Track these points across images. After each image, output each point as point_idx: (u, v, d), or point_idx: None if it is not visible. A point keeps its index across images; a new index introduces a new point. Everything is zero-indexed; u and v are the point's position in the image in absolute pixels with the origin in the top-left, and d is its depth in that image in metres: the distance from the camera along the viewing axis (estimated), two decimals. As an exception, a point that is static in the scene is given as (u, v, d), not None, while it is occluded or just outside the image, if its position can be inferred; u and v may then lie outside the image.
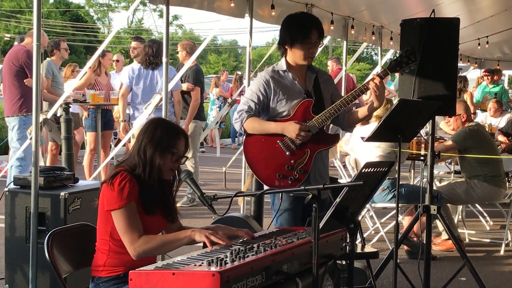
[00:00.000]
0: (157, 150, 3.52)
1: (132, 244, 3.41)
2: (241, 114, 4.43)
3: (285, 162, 4.39)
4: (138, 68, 8.27)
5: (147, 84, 8.26)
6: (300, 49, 4.39)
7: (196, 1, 6.65)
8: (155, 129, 3.57)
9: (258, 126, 4.41)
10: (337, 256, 3.46)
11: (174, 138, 3.59)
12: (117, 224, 3.44)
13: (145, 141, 3.54)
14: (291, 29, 4.43)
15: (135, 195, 3.45)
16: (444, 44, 4.90)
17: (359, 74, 41.73)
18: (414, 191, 6.78)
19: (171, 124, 3.72)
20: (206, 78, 15.43)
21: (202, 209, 8.80)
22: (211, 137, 17.77)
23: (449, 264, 6.62)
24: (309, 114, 4.39)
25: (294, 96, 4.44)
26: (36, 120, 4.87)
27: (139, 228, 3.44)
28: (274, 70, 4.53)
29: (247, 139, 4.49)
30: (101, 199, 3.52)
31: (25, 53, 7.99)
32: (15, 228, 5.06)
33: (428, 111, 4.84)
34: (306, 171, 4.39)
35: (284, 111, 4.43)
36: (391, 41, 11.43)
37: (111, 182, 3.45)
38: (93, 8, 51.44)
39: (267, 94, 4.44)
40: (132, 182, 3.45)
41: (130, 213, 3.43)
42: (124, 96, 8.32)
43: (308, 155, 4.38)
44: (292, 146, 4.38)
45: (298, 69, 4.51)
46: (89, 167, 9.17)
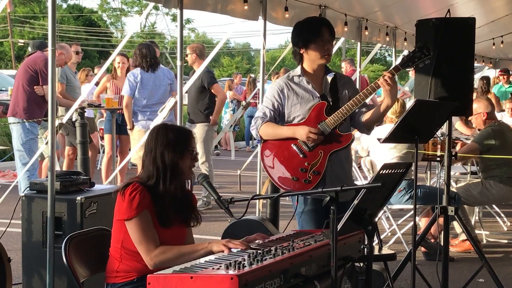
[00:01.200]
0: (177, 153, 3.53)
1: (148, 255, 3.41)
2: (256, 121, 4.49)
3: (299, 165, 4.40)
4: (140, 73, 8.26)
5: (151, 86, 8.26)
6: (315, 48, 4.41)
7: (210, 4, 6.66)
8: (166, 134, 3.57)
9: (271, 132, 4.46)
10: (355, 258, 3.44)
11: (187, 137, 3.62)
12: (131, 234, 3.45)
13: (160, 148, 3.53)
14: (302, 31, 4.48)
15: (146, 205, 3.45)
16: (460, 44, 4.87)
17: (373, 76, 41.62)
18: (431, 192, 6.74)
19: (177, 125, 3.78)
20: (219, 81, 15.45)
21: (217, 212, 8.79)
22: (225, 140, 17.78)
23: (467, 266, 6.58)
24: (322, 116, 4.39)
25: (309, 100, 4.46)
26: (52, 125, 4.88)
27: (154, 238, 3.44)
28: (289, 76, 4.56)
29: (263, 145, 4.54)
30: (115, 208, 3.55)
31: (43, 61, 8.00)
32: (31, 233, 5.07)
33: (444, 111, 4.81)
34: (320, 173, 4.38)
35: (299, 115, 4.45)
36: (405, 42, 11.38)
37: (122, 192, 3.47)
38: (106, 12, 51.71)
39: (281, 101, 4.48)
40: (143, 193, 3.46)
41: (143, 223, 3.43)
42: (128, 106, 8.28)
43: (322, 157, 4.38)
44: (305, 148, 4.39)
45: (314, 74, 4.52)
46: (106, 170, 9.20)
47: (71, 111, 7.48)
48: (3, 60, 42.06)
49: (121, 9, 51.97)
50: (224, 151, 17.45)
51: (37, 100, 8.10)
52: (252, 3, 7.17)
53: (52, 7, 4.86)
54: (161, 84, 8.33)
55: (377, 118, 4.53)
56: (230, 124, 13.55)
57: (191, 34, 52.73)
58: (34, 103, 8.10)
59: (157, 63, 8.39)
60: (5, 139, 13.41)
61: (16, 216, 5.60)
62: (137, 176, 3.65)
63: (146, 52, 8.29)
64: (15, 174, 11.45)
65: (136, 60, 8.38)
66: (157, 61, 8.46)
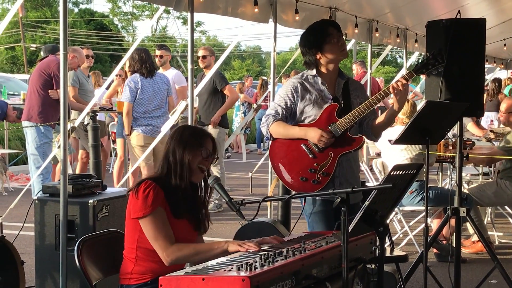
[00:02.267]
0: (186, 149, 3.57)
1: (164, 251, 3.42)
2: (267, 118, 4.48)
3: (308, 165, 4.40)
4: (140, 79, 8.19)
5: (150, 93, 8.24)
6: (330, 47, 4.42)
7: (220, 7, 6.68)
8: (182, 132, 3.65)
9: (282, 131, 4.45)
10: (367, 260, 3.44)
11: (202, 137, 3.65)
12: (147, 232, 3.46)
13: (173, 143, 3.60)
14: (311, 37, 4.48)
15: (160, 201, 3.47)
16: (471, 45, 4.87)
17: (384, 77, 41.52)
18: (442, 193, 6.73)
19: (197, 127, 3.78)
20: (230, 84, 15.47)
21: (228, 215, 8.81)
22: (236, 143, 17.80)
23: (479, 267, 6.56)
24: (333, 118, 4.40)
25: (322, 101, 4.45)
26: (64, 129, 4.91)
27: (170, 235, 3.46)
28: (303, 76, 4.55)
29: (273, 143, 4.53)
30: (128, 208, 3.56)
31: (56, 64, 8.01)
32: (44, 236, 5.10)
33: (455, 112, 4.80)
34: (329, 174, 4.38)
35: (310, 116, 4.44)
36: (416, 43, 11.37)
37: (136, 190, 3.49)
38: (117, 17, 51.88)
39: (295, 100, 4.46)
40: (156, 189, 3.47)
41: (158, 220, 3.45)
42: (129, 113, 8.21)
43: (331, 158, 4.38)
44: (315, 149, 4.39)
45: (328, 76, 4.52)
46: (118, 174, 9.22)
47: (83, 115, 7.52)
48: (16, 65, 42.27)
49: (132, 13, 52.18)
50: (235, 153, 17.47)
51: (51, 103, 8.13)
52: (263, 6, 7.18)
53: (64, 12, 4.89)
54: (159, 90, 8.31)
55: (384, 124, 4.52)
56: (241, 126, 13.57)
57: (202, 37, 52.88)
58: (49, 106, 8.14)
59: (155, 68, 8.39)
60: (17, 143, 13.50)
61: (29, 220, 5.64)
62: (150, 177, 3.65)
63: (146, 57, 8.23)
64: (28, 177, 11.53)
65: (134, 65, 8.27)
66: (155, 66, 8.47)
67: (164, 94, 8.39)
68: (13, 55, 42.67)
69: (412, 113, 6.69)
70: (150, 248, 3.49)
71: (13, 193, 10.28)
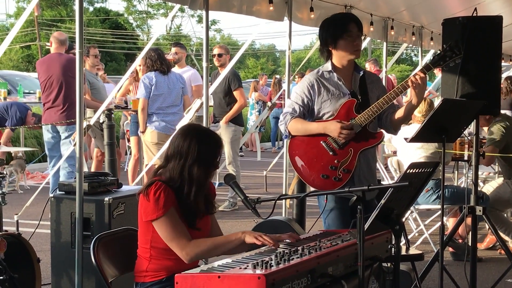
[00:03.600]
0: (204, 169, 3.53)
1: (183, 249, 3.42)
2: (285, 116, 4.45)
3: (328, 162, 4.38)
4: (155, 75, 8.29)
5: (165, 89, 8.32)
6: (344, 44, 4.39)
7: (235, 6, 6.67)
8: (199, 146, 3.52)
9: (301, 127, 4.42)
10: (383, 258, 3.43)
11: (217, 149, 3.61)
12: (162, 233, 3.45)
13: (190, 161, 3.49)
14: (330, 28, 4.45)
15: (172, 202, 3.46)
16: (487, 43, 4.84)
17: (399, 76, 41.34)
18: (458, 192, 6.69)
19: (210, 133, 3.69)
20: (244, 82, 15.47)
21: (243, 213, 8.81)
22: (251, 141, 17.80)
23: (495, 266, 6.52)
24: (352, 114, 4.37)
25: (339, 97, 4.43)
26: (79, 127, 4.93)
27: (185, 233, 3.46)
28: (319, 72, 4.52)
29: (291, 141, 4.51)
30: (139, 210, 3.54)
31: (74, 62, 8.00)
32: (60, 234, 5.12)
33: (472, 110, 4.78)
34: (350, 171, 4.36)
35: (329, 112, 4.42)
36: (432, 41, 11.31)
37: (146, 193, 3.46)
38: (132, 15, 52.00)
39: (311, 97, 4.44)
40: (167, 191, 3.46)
41: (171, 220, 3.44)
42: (145, 109, 8.28)
43: (352, 155, 4.36)
44: (335, 146, 4.36)
45: (344, 70, 4.49)
46: (133, 172, 9.25)
47: (99, 113, 7.53)
48: (31, 63, 42.45)
49: (147, 12, 52.27)
50: (250, 152, 17.47)
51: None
52: (278, 4, 7.17)
53: (80, 10, 4.91)
54: (174, 87, 8.39)
55: (404, 117, 4.50)
56: (256, 125, 13.57)
57: (216, 35, 52.92)
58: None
59: (168, 66, 8.48)
60: (33, 141, 13.55)
61: (45, 217, 5.67)
62: (157, 174, 3.61)
63: (158, 56, 8.37)
64: (44, 175, 11.60)
65: (148, 64, 8.38)
66: (168, 64, 8.54)
67: (179, 92, 8.43)
68: (28, 54, 42.88)
69: (429, 112, 6.66)
70: (163, 247, 3.49)
71: (29, 191, 10.33)
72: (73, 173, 7.61)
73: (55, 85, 8.12)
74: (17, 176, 10.57)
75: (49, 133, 8.21)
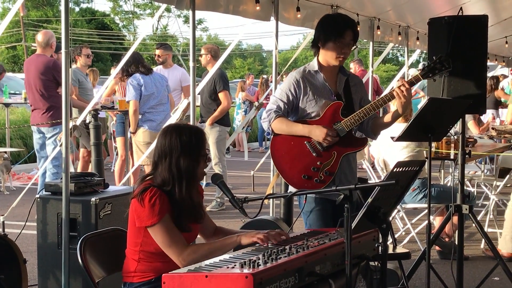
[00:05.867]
0: (192, 158, 3.51)
1: (179, 256, 3.41)
2: (269, 113, 4.41)
3: (311, 163, 4.36)
4: (141, 77, 8.33)
5: (153, 89, 8.36)
6: (333, 48, 4.36)
7: (222, 5, 6.67)
8: (180, 138, 3.52)
9: (285, 127, 4.38)
10: (370, 257, 3.43)
11: (202, 140, 3.59)
12: (158, 239, 3.43)
13: (176, 154, 3.49)
14: (326, 27, 4.40)
15: (167, 208, 3.45)
16: (473, 42, 4.86)
17: (386, 76, 41.52)
18: (445, 191, 6.72)
19: (190, 126, 3.69)
20: (231, 82, 15.46)
21: (231, 213, 8.81)
22: (238, 141, 17.80)
23: (482, 264, 6.55)
24: (338, 117, 4.36)
25: (324, 98, 4.40)
26: (66, 127, 4.91)
27: (181, 238, 3.45)
28: (306, 70, 4.49)
29: (274, 138, 4.46)
30: (131, 214, 3.51)
31: (54, 64, 7.93)
32: (47, 235, 5.10)
33: (458, 109, 4.79)
34: (332, 173, 4.35)
35: (313, 112, 4.39)
36: (418, 41, 11.37)
37: (141, 198, 3.43)
38: (119, 16, 51.86)
39: (297, 94, 4.40)
40: (162, 197, 3.44)
41: (167, 227, 3.43)
42: (137, 112, 8.28)
43: (335, 157, 4.35)
44: (319, 148, 4.34)
45: (329, 70, 4.47)
46: (120, 173, 9.22)
47: (85, 113, 7.51)
48: (17, 64, 42.26)
49: (133, 12, 52.14)
50: (237, 152, 17.46)
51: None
52: (264, 4, 7.18)
53: (65, 11, 4.89)
54: (161, 86, 8.46)
55: (386, 125, 4.53)
56: (243, 125, 13.56)
57: (203, 36, 52.87)
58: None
59: (149, 67, 8.61)
60: (19, 142, 13.49)
61: (31, 218, 5.64)
62: (149, 178, 3.59)
63: (139, 58, 8.45)
64: (30, 176, 11.55)
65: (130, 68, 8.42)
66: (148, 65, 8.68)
67: (165, 90, 8.49)
68: (14, 55, 42.68)
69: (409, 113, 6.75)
70: (153, 252, 3.48)
71: (15, 192, 10.28)
72: (58, 174, 7.57)
73: (32, 87, 8.09)
74: (3, 177, 10.52)
75: (36, 133, 8.18)
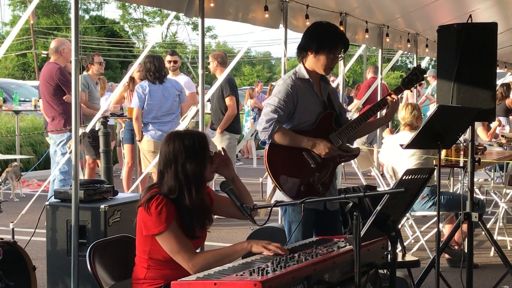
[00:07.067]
0: (199, 162, 3.52)
1: (189, 262, 3.40)
2: (271, 123, 4.26)
3: (309, 175, 4.33)
4: (148, 85, 8.31)
5: (159, 98, 8.32)
6: (324, 59, 4.33)
7: (231, 13, 6.69)
8: (183, 143, 3.52)
9: (288, 139, 4.29)
10: (379, 265, 3.42)
11: (204, 142, 3.59)
12: (166, 247, 3.43)
13: (181, 160, 3.49)
14: (321, 37, 4.37)
15: (173, 216, 3.44)
16: (482, 50, 4.86)
17: (395, 83, 41.44)
18: (454, 198, 6.69)
19: (190, 131, 3.72)
20: (240, 90, 15.46)
21: (240, 220, 8.78)
22: (247, 148, 17.81)
23: (492, 272, 6.52)
24: (331, 127, 4.37)
25: (314, 106, 4.38)
26: (75, 134, 4.93)
27: (189, 245, 3.45)
28: (297, 78, 4.41)
29: (271, 148, 4.34)
30: (139, 222, 3.52)
31: (58, 71, 7.95)
32: (56, 242, 5.11)
33: (467, 117, 4.79)
34: (328, 184, 4.37)
35: (306, 121, 4.36)
36: (427, 48, 11.37)
37: (147, 206, 3.43)
38: (128, 23, 52.02)
39: (294, 102, 4.33)
40: (168, 205, 3.44)
41: (175, 234, 3.43)
42: (138, 118, 8.31)
43: (331, 168, 4.37)
44: (317, 159, 4.32)
45: (314, 78, 4.43)
46: (127, 180, 9.23)
47: (94, 121, 7.53)
48: (27, 71, 42.49)
49: (143, 20, 52.31)
50: (246, 159, 17.47)
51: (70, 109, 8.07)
52: (273, 11, 7.19)
53: (75, 19, 4.91)
54: (170, 95, 8.39)
55: (368, 131, 4.71)
56: (252, 132, 13.56)
57: (212, 43, 52.97)
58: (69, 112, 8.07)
59: (163, 75, 8.46)
60: (29, 149, 13.52)
61: (40, 225, 5.65)
62: (155, 186, 3.59)
63: (150, 66, 8.36)
64: (39, 183, 11.57)
65: (141, 73, 8.45)
66: (164, 72, 8.52)
67: (175, 100, 8.44)
68: (24, 62, 42.91)
69: (411, 120, 6.73)
70: (162, 259, 3.48)
71: (24, 199, 10.31)
72: (65, 180, 7.62)
73: (41, 95, 8.22)
74: (12, 184, 10.55)
75: (51, 140, 8.25)
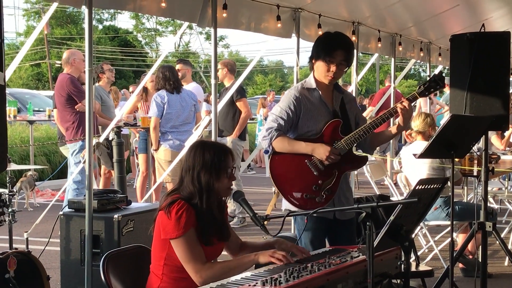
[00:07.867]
0: (213, 174, 3.52)
1: (197, 273, 3.40)
2: (270, 131, 4.30)
3: (312, 182, 4.31)
4: (166, 94, 8.34)
5: (177, 107, 8.36)
6: (321, 66, 4.33)
7: (244, 23, 6.71)
8: (203, 153, 3.54)
9: (287, 146, 4.30)
10: (392, 275, 3.41)
11: (224, 156, 3.58)
12: (179, 253, 3.44)
13: (197, 168, 3.52)
14: (318, 44, 4.40)
15: (192, 223, 3.45)
16: (495, 59, 4.85)
17: (408, 91, 41.35)
18: (468, 208, 6.66)
19: (214, 143, 3.72)
20: (253, 99, 15.48)
21: (253, 229, 8.79)
22: (260, 158, 17.81)
23: (506, 282, 6.48)
24: (337, 135, 4.34)
25: (322, 115, 4.37)
26: (89, 144, 4.95)
27: (201, 256, 3.44)
28: (304, 88, 4.43)
29: (273, 157, 4.36)
30: (157, 226, 3.52)
31: (68, 81, 8.01)
32: (70, 251, 5.13)
33: (481, 126, 4.77)
34: (333, 192, 4.33)
35: (312, 130, 4.35)
36: (440, 57, 11.35)
37: (168, 210, 3.44)
38: (141, 33, 52.26)
39: (297, 112, 4.34)
40: (189, 211, 3.44)
41: (190, 242, 3.43)
42: (156, 128, 8.34)
43: (336, 176, 4.33)
44: (320, 167, 4.29)
45: (325, 88, 4.42)
46: (141, 189, 9.26)
47: (108, 131, 7.56)
48: (41, 81, 42.74)
49: (156, 29, 52.52)
50: (258, 168, 17.47)
51: (83, 118, 8.11)
52: (285, 21, 7.21)
53: (89, 29, 4.95)
54: (187, 105, 8.44)
55: (385, 140, 4.60)
56: (265, 141, 13.53)
57: (224, 52, 53.10)
58: (82, 121, 8.11)
59: (180, 85, 8.51)
60: (43, 159, 13.59)
61: (54, 235, 5.68)
62: (176, 191, 3.60)
63: (169, 75, 8.38)
64: (53, 193, 11.62)
65: (158, 83, 8.46)
66: (180, 83, 8.56)
67: (192, 109, 8.48)
68: (38, 72, 43.17)
69: (424, 128, 6.71)
70: (177, 265, 3.47)
71: (38, 208, 10.35)
72: (78, 190, 7.66)
73: (56, 105, 8.30)
74: (27, 194, 10.60)
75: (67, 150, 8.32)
